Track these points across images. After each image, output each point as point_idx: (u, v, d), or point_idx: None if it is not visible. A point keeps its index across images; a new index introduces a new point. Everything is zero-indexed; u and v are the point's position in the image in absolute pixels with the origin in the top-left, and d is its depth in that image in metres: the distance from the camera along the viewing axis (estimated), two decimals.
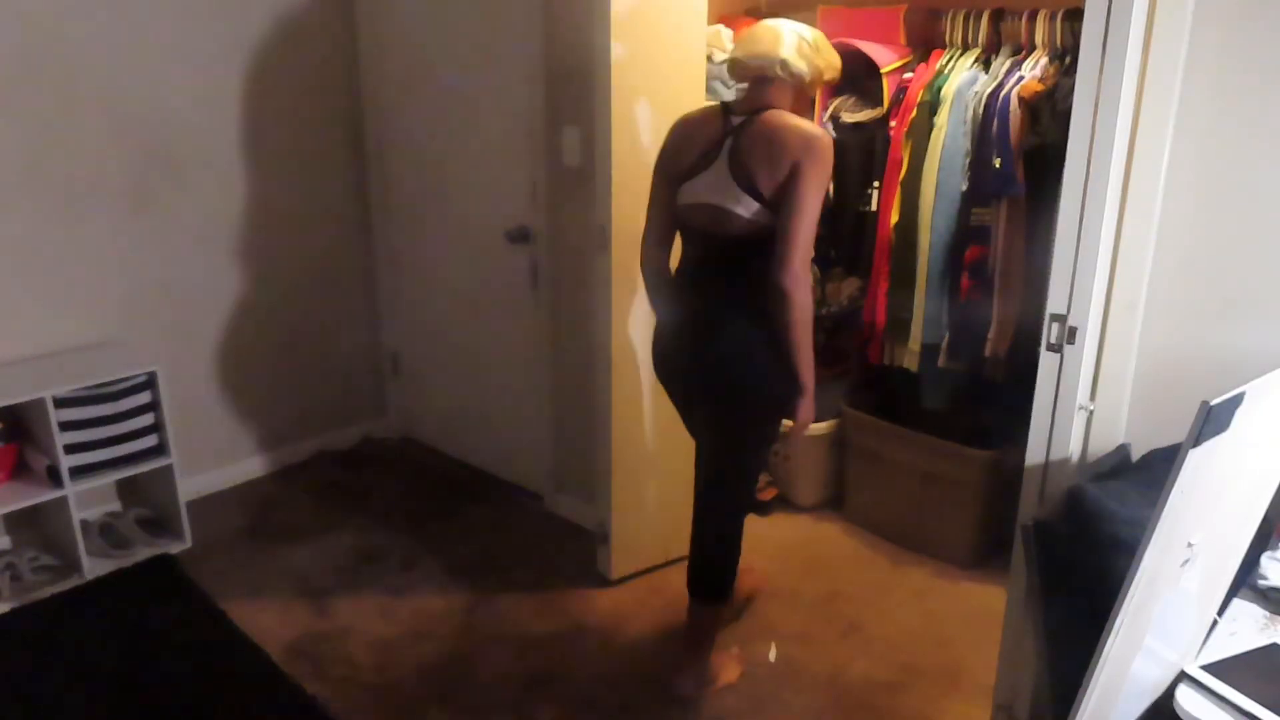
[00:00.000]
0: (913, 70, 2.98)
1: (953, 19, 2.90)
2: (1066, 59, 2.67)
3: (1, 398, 2.73)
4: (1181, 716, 1.55)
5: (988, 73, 2.81)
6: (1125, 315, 1.92)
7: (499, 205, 3.25)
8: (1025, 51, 2.79)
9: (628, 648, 2.69)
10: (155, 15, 3.04)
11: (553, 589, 2.96)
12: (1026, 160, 2.70)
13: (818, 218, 2.15)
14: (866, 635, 2.77)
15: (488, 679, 2.59)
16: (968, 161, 2.79)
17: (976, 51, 2.87)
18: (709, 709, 2.47)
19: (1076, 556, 1.76)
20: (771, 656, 2.66)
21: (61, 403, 2.81)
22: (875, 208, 3.07)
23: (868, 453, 3.26)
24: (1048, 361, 1.92)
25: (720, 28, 3.15)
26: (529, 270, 3.21)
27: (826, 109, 3.15)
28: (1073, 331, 1.87)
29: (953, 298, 2.91)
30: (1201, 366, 1.87)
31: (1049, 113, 2.65)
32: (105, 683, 2.53)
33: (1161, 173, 1.83)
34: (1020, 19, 2.77)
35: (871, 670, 2.62)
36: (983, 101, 2.74)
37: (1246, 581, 1.77)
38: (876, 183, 3.05)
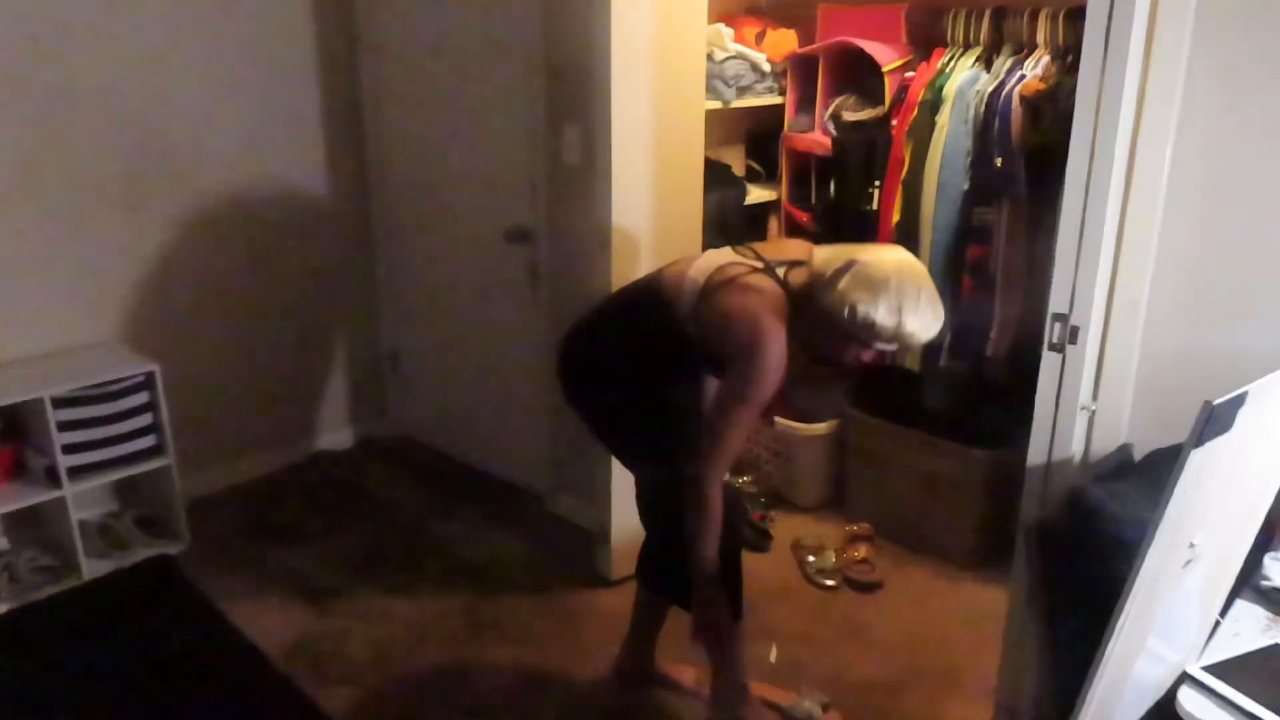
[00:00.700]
0: (914, 69, 2.98)
1: (954, 18, 2.91)
2: (1068, 58, 2.67)
3: None
4: (1184, 718, 1.55)
5: (989, 72, 2.81)
6: (1127, 315, 1.92)
7: (498, 204, 3.25)
8: (1027, 50, 2.79)
9: None
10: (153, 13, 3.04)
11: (552, 589, 2.96)
12: (1028, 159, 2.70)
13: (747, 426, 2.05)
14: (868, 636, 2.77)
15: (487, 680, 2.59)
16: (969, 161, 2.79)
17: (978, 50, 2.87)
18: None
19: (1078, 557, 1.76)
20: (773, 658, 2.66)
21: (60, 403, 2.81)
22: (876, 207, 3.07)
23: (868, 453, 3.26)
24: (1050, 361, 1.92)
25: (721, 26, 3.15)
26: (528, 269, 3.21)
27: (827, 108, 3.15)
28: (1075, 331, 1.87)
29: (954, 297, 2.91)
30: (1204, 366, 1.87)
31: (1051, 112, 2.65)
32: (103, 684, 2.53)
33: (1164, 171, 1.83)
34: (1022, 18, 2.77)
35: (873, 671, 2.62)
36: (984, 100, 2.74)
37: (1249, 582, 1.77)
38: (878, 182, 3.05)
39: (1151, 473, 1.81)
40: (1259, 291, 1.82)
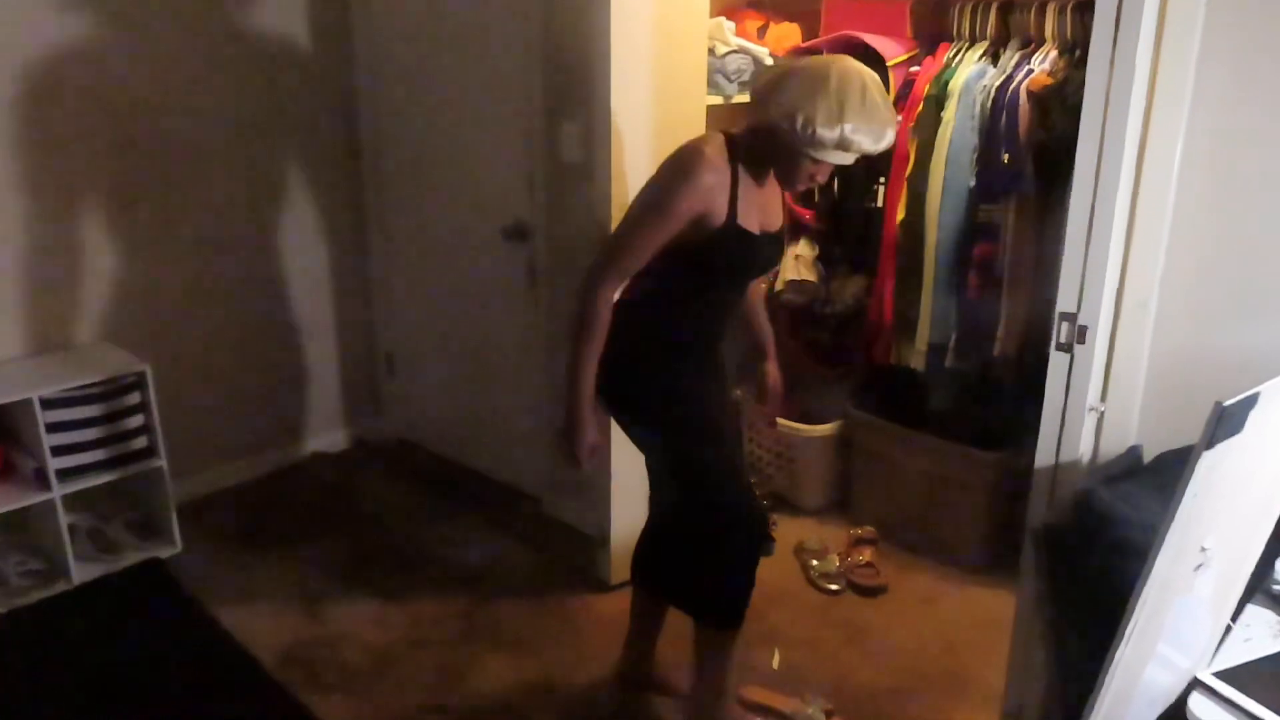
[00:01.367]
0: (919, 63, 2.98)
1: (960, 11, 2.90)
2: (1077, 52, 2.67)
3: None
4: None
5: (996, 66, 2.81)
6: (1137, 314, 1.92)
7: (496, 202, 3.25)
8: (1034, 44, 2.79)
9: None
10: (145, 9, 3.04)
11: (551, 594, 2.96)
12: (1036, 155, 2.70)
13: (642, 236, 1.98)
14: (872, 641, 2.77)
15: (485, 686, 2.59)
16: (976, 157, 2.79)
17: (985, 44, 2.87)
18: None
19: (1087, 561, 1.76)
20: (775, 663, 2.66)
21: (49, 403, 2.81)
22: (881, 204, 3.07)
23: (873, 454, 3.26)
24: (1057, 361, 1.92)
25: (722, 20, 3.15)
26: (526, 268, 3.21)
27: None
28: (1083, 331, 1.87)
29: (960, 296, 2.91)
30: (1215, 367, 1.87)
31: (1059, 107, 2.65)
32: (94, 691, 2.53)
33: (1174, 168, 1.83)
34: (1029, 11, 2.77)
35: (877, 677, 2.62)
36: (991, 95, 2.74)
37: (1261, 587, 1.77)
38: (882, 179, 3.05)
39: (1161, 475, 1.81)
40: (1271, 290, 1.82)
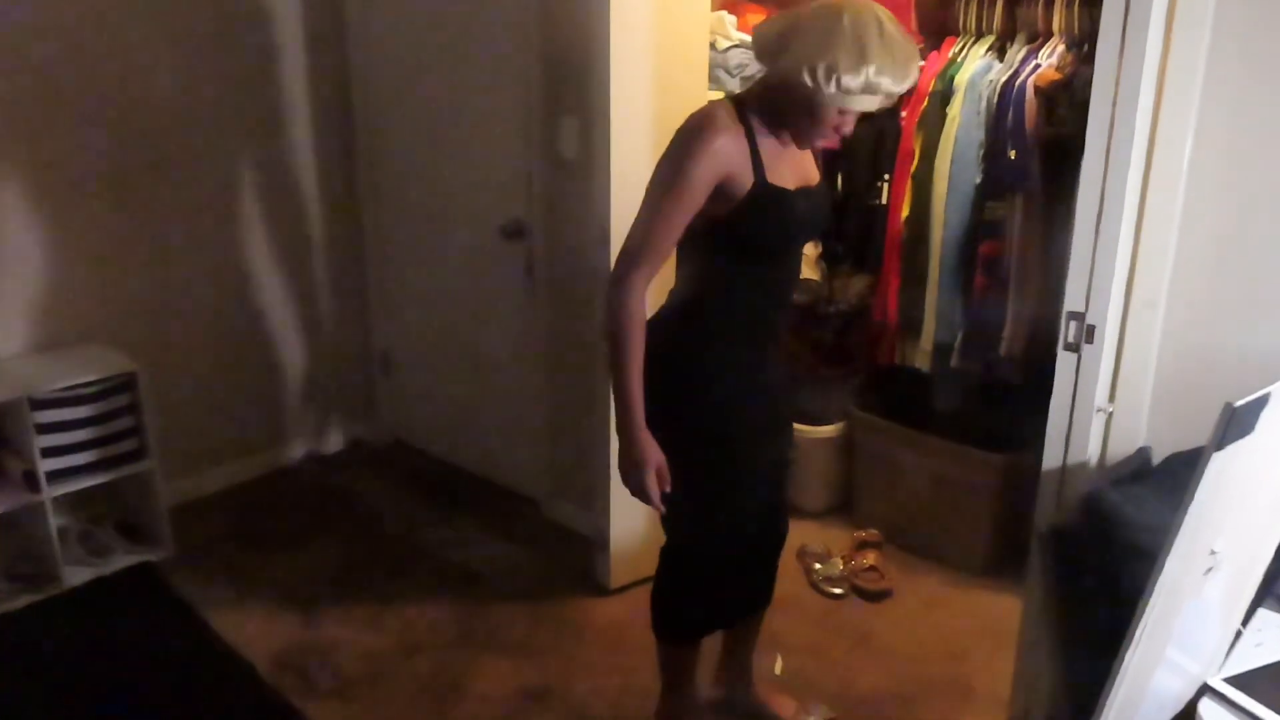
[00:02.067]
0: (924, 58, 2.98)
1: (966, 5, 2.91)
2: (1084, 46, 2.67)
3: None
4: None
5: (1002, 61, 2.81)
6: (1146, 313, 1.92)
7: (493, 199, 3.25)
8: (1041, 39, 2.79)
9: (626, 659, 2.69)
10: (136, 5, 3.04)
11: (549, 598, 2.96)
12: (1043, 152, 2.71)
13: (662, 222, 1.83)
14: (876, 646, 2.77)
15: (481, 692, 2.59)
16: (982, 153, 2.79)
17: (991, 39, 2.87)
18: None
19: (1095, 564, 1.76)
20: (778, 669, 2.66)
21: (38, 404, 2.81)
22: (885, 201, 3.07)
23: (877, 456, 3.26)
24: (1065, 361, 1.93)
25: (723, 14, 3.15)
26: (524, 266, 3.21)
27: None
28: (1091, 330, 1.87)
29: (966, 295, 2.91)
30: (1225, 367, 1.87)
31: (1066, 102, 2.66)
32: (84, 696, 2.53)
33: (1184, 164, 1.83)
34: (1036, 5, 2.77)
35: (881, 683, 2.62)
36: (997, 91, 2.74)
37: (1271, 590, 1.77)
38: (886, 175, 3.05)
39: (1171, 477, 1.81)
40: None
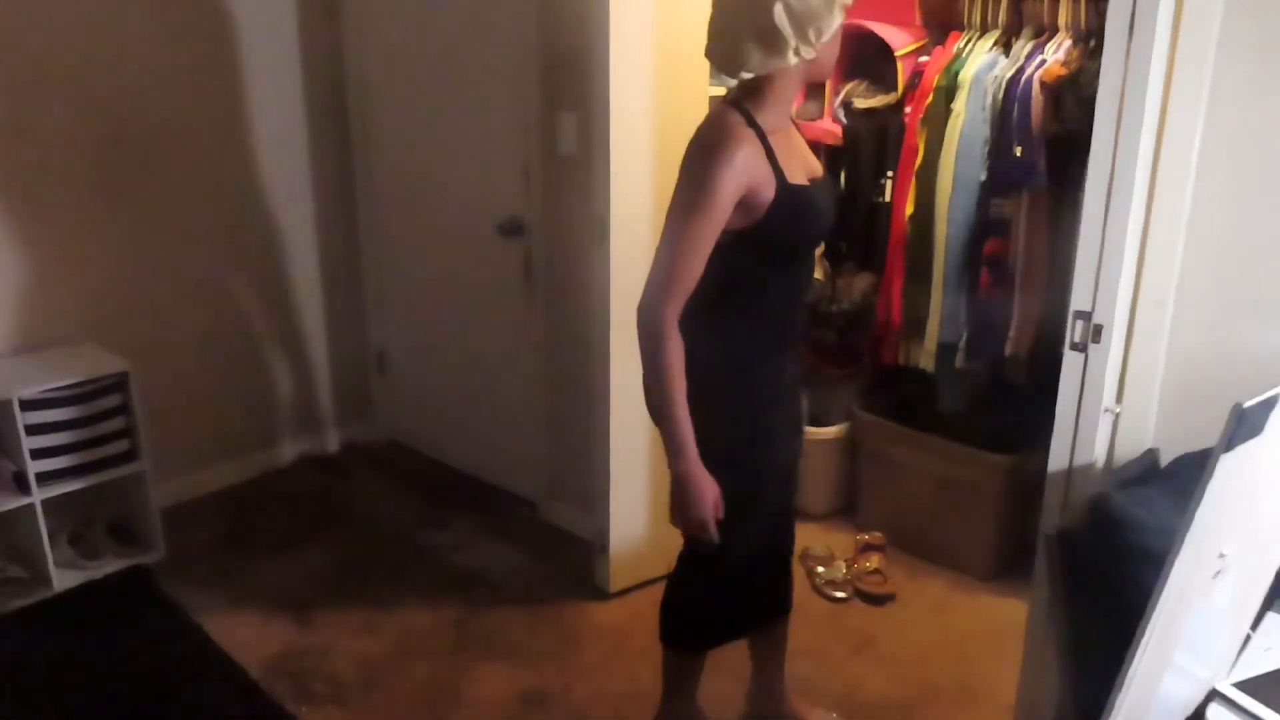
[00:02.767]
0: (929, 53, 2.98)
1: None
2: (1091, 41, 2.67)
3: None
4: None
5: (1008, 56, 2.81)
6: (1153, 313, 1.92)
7: (491, 195, 3.25)
8: (1048, 33, 2.79)
9: (626, 665, 2.69)
10: (129, 1, 3.04)
11: (547, 602, 2.96)
12: (1049, 148, 2.71)
13: (693, 243, 1.78)
14: (880, 651, 2.77)
15: (479, 697, 2.59)
16: (987, 150, 2.79)
17: (996, 33, 2.87)
18: None
19: (1102, 568, 1.76)
20: None
21: (28, 405, 2.81)
22: (889, 199, 3.07)
23: (881, 458, 3.26)
24: (1072, 361, 1.93)
25: None
26: (522, 264, 3.21)
27: (838, 94, 3.15)
28: (1098, 330, 1.87)
29: (971, 294, 2.91)
30: (1234, 367, 1.87)
31: (1073, 98, 2.65)
32: (74, 703, 2.53)
33: (1192, 161, 1.84)
34: None
35: (886, 688, 2.62)
36: (1003, 86, 2.74)
37: None
38: (890, 172, 3.06)
39: (1179, 479, 1.81)
40: None
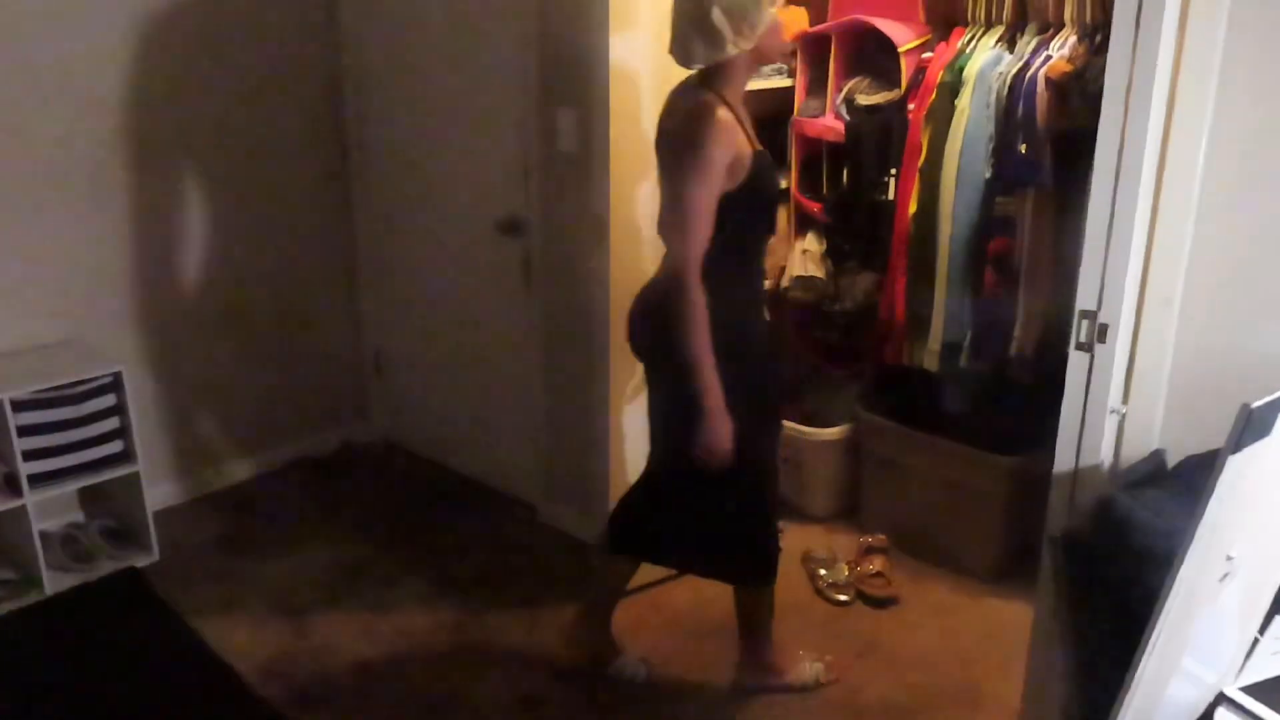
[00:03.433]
0: (932, 49, 2.98)
1: None
2: (1097, 37, 2.67)
3: None
4: None
5: (1013, 52, 2.81)
6: (1160, 312, 1.92)
7: (489, 193, 3.25)
8: (1053, 29, 2.79)
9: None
10: None
11: (546, 605, 2.96)
12: (1055, 145, 2.70)
13: (701, 211, 2.06)
14: (883, 655, 2.77)
15: (477, 702, 2.59)
16: (992, 147, 2.79)
17: (1001, 29, 2.87)
18: None
19: (1108, 570, 1.76)
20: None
21: (20, 406, 2.81)
22: (892, 197, 3.07)
23: (884, 459, 3.26)
24: (1077, 361, 1.92)
25: None
26: (521, 263, 3.21)
27: (840, 91, 3.15)
28: (1104, 329, 1.87)
29: (975, 293, 2.91)
30: (1242, 367, 1.87)
31: (1079, 95, 2.65)
32: (67, 705, 2.53)
33: (1199, 159, 1.83)
34: None
35: (889, 692, 2.62)
36: (1008, 83, 2.74)
37: None
38: (894, 170, 3.05)
39: (1186, 480, 1.81)
40: None
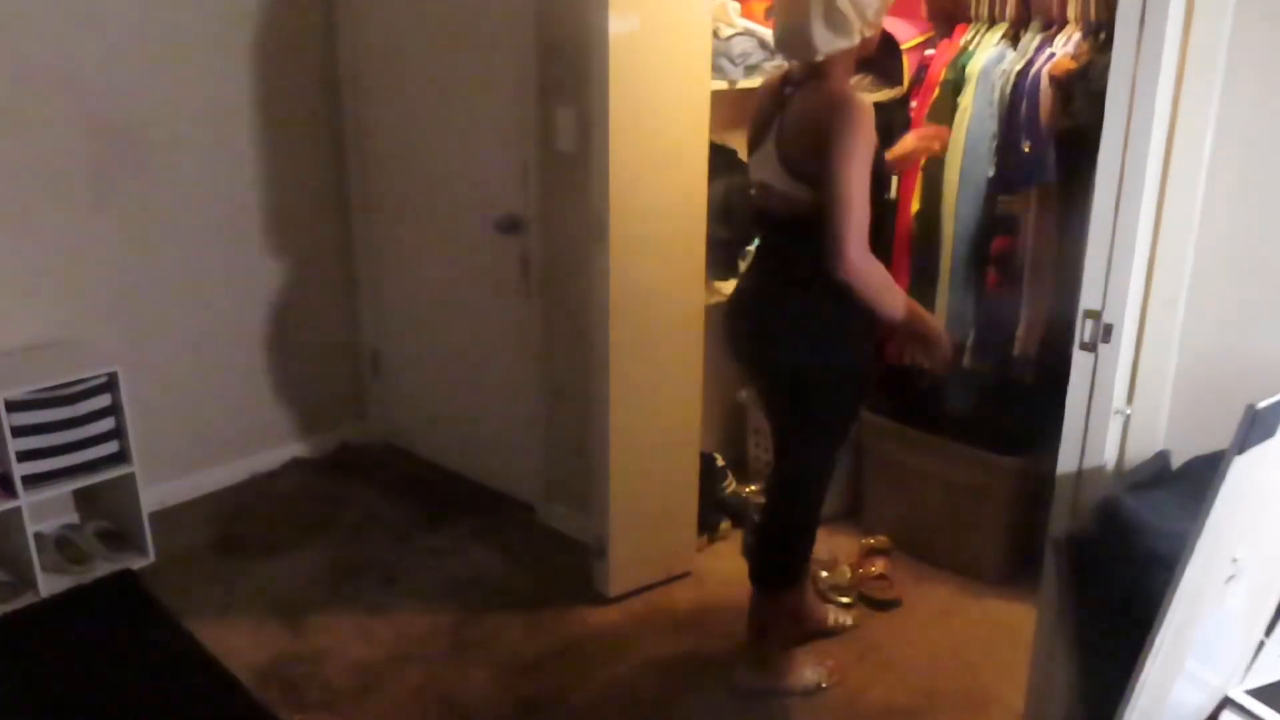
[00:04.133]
0: (935, 46, 2.98)
1: None
2: (1101, 34, 2.67)
3: None
4: None
5: (1016, 49, 2.81)
6: (1164, 312, 1.92)
7: (487, 192, 3.25)
8: (1057, 26, 2.79)
9: (627, 671, 2.69)
10: None
11: (545, 607, 2.97)
12: (1058, 144, 2.70)
13: (865, 191, 2.17)
14: (886, 657, 2.77)
15: (475, 705, 2.59)
16: (995, 145, 2.79)
17: (1004, 26, 2.88)
18: None
19: (1112, 572, 1.76)
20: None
21: (14, 406, 2.81)
22: (894, 196, 3.06)
23: (887, 460, 3.26)
24: (1081, 361, 1.93)
25: (727, 0, 3.15)
26: (520, 263, 3.22)
27: None
28: (1108, 329, 1.87)
29: (978, 293, 2.91)
30: (1247, 367, 1.87)
31: (1083, 93, 2.65)
32: (62, 708, 2.53)
33: (1204, 156, 1.83)
34: None
35: (891, 695, 2.63)
36: (1011, 81, 2.74)
37: None
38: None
39: (1190, 482, 1.81)
40: None
